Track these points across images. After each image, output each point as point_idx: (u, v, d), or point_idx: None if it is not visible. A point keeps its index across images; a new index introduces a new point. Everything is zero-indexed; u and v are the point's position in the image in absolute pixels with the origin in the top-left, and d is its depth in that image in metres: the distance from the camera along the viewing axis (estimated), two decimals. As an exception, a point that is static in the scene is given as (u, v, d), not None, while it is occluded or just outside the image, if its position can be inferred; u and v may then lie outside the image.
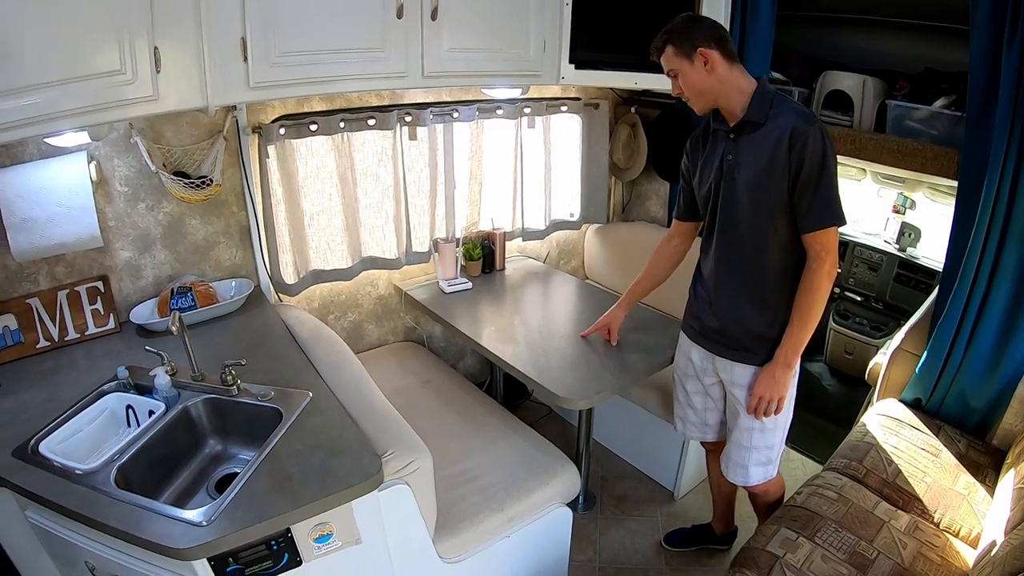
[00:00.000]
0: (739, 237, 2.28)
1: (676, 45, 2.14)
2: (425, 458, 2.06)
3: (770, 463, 2.50)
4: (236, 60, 2.15)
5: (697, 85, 2.17)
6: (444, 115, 3.30)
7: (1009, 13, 2.34)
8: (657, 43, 2.19)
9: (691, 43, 2.11)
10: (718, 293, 2.40)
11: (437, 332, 3.86)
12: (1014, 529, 1.99)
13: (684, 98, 2.25)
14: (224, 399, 2.20)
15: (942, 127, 2.85)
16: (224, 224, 2.88)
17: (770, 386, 2.31)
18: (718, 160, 2.28)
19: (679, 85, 2.21)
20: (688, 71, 2.15)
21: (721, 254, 2.36)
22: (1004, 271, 2.53)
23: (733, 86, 2.17)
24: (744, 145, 2.20)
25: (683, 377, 2.66)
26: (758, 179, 2.17)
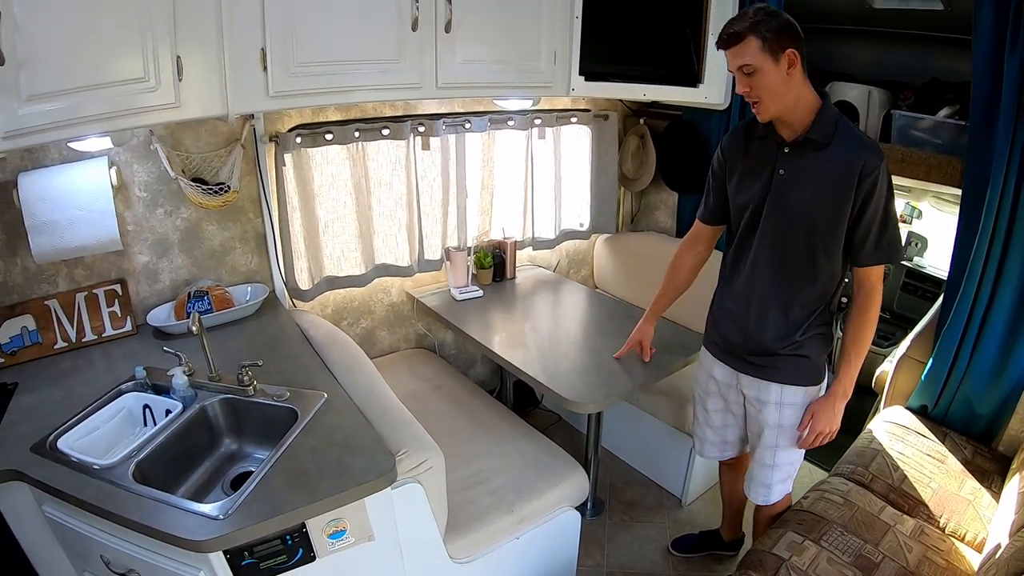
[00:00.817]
0: (782, 255, 2.19)
1: (763, 38, 1.94)
2: (437, 458, 2.10)
3: (790, 479, 2.47)
4: (256, 70, 2.21)
5: (775, 88, 2.00)
6: (456, 126, 3.35)
7: (1011, 21, 2.36)
8: (738, 29, 1.97)
9: (780, 40, 1.95)
10: (749, 309, 2.30)
11: (448, 339, 3.89)
12: (1019, 531, 2.01)
13: (750, 98, 2.06)
14: (241, 399, 2.24)
15: (947, 136, 2.87)
16: (240, 230, 2.93)
17: (830, 419, 2.24)
18: (767, 172, 2.16)
19: (751, 83, 2.02)
20: (770, 70, 1.97)
21: (759, 270, 2.25)
22: (1008, 278, 2.54)
23: (803, 98, 2.05)
24: (802, 164, 2.09)
25: (704, 395, 2.58)
26: (816, 203, 2.08)
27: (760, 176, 2.18)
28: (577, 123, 3.84)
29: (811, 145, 2.06)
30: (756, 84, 2.01)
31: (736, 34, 1.97)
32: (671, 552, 3.15)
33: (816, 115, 2.06)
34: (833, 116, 2.06)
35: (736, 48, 1.99)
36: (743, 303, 2.31)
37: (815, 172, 2.07)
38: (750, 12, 1.99)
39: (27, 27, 1.69)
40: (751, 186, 2.21)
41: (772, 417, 2.34)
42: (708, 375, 2.54)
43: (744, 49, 1.97)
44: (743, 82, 2.03)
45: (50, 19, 1.73)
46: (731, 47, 2.00)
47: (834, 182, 2.03)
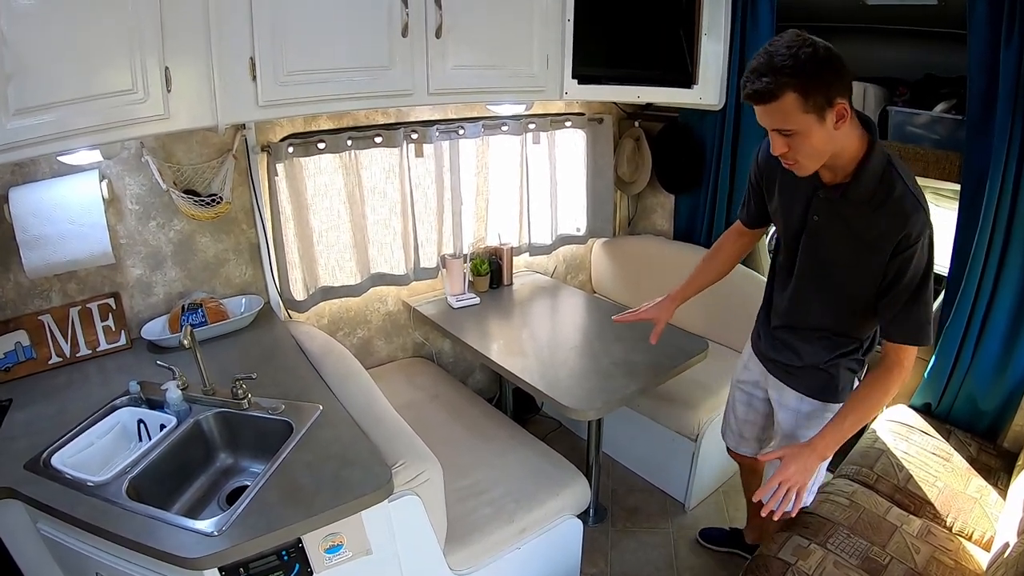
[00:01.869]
0: (817, 291, 2.09)
1: (806, 95, 1.61)
2: (435, 469, 2.07)
3: (809, 492, 2.38)
4: (245, 79, 2.18)
5: (820, 149, 1.72)
6: (450, 132, 3.33)
7: (1006, 14, 2.36)
8: (768, 84, 1.61)
9: (828, 90, 1.62)
10: (784, 322, 2.25)
11: (446, 348, 3.87)
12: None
13: (786, 160, 1.79)
14: (235, 412, 2.21)
15: (943, 131, 2.86)
16: (234, 241, 2.91)
17: (799, 472, 1.89)
18: (802, 209, 1.99)
19: (790, 144, 1.73)
20: (814, 132, 1.67)
21: (796, 292, 2.15)
22: (1009, 273, 2.54)
23: (849, 145, 1.77)
24: (836, 216, 1.90)
25: (736, 381, 2.59)
26: (846, 263, 1.94)
27: (795, 210, 2.02)
28: (571, 127, 3.84)
29: (849, 201, 1.85)
30: (797, 146, 1.73)
31: (769, 92, 1.63)
32: (699, 541, 3.17)
33: (857, 164, 1.80)
34: (878, 169, 1.79)
35: (769, 107, 1.67)
36: (781, 314, 2.25)
37: (848, 231, 1.89)
38: (782, 49, 1.61)
39: (14, 40, 1.67)
40: (788, 214, 2.05)
41: (787, 423, 2.33)
42: (744, 365, 2.54)
43: (780, 109, 1.65)
44: (779, 143, 1.75)
45: (38, 32, 1.71)
46: (762, 104, 1.67)
47: (868, 248, 1.85)
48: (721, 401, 3.20)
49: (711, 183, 3.70)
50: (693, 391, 3.23)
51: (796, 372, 2.26)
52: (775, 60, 1.60)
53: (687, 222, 3.99)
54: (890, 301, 1.87)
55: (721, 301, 3.47)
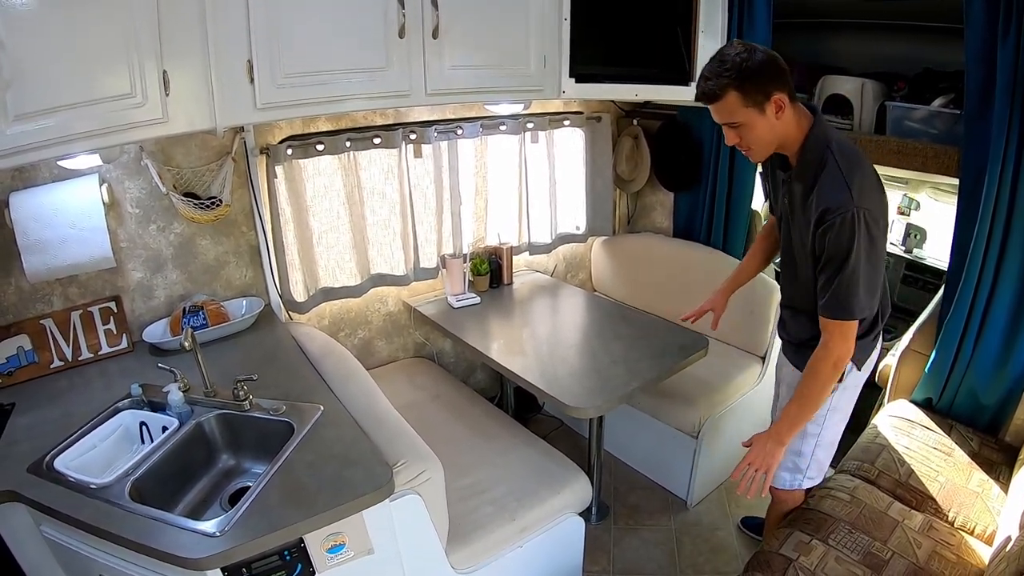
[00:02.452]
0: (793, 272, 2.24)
1: (744, 92, 1.85)
2: (436, 468, 2.08)
3: (797, 471, 2.46)
4: (243, 82, 2.19)
5: (764, 137, 1.95)
6: (448, 132, 3.34)
7: (1003, 9, 2.36)
8: (712, 86, 1.87)
9: (764, 87, 1.86)
10: (783, 309, 2.43)
11: (447, 348, 3.88)
12: (1029, 523, 2.00)
13: (740, 148, 2.02)
14: (236, 414, 2.22)
15: (942, 126, 2.86)
16: (234, 244, 2.92)
17: (760, 453, 2.11)
18: (780, 194, 2.21)
19: (740, 135, 1.96)
20: (757, 123, 1.91)
21: (785, 278, 2.34)
22: (1009, 266, 2.53)
23: (792, 131, 1.97)
24: (792, 196, 2.09)
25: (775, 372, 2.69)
26: (800, 239, 2.09)
27: (777, 196, 2.24)
28: (570, 126, 3.84)
29: (799, 180, 2.03)
30: (746, 135, 1.96)
31: (713, 93, 1.89)
32: (740, 528, 3.25)
33: (800, 148, 2.00)
34: (815, 150, 1.96)
35: (717, 106, 1.92)
36: (783, 295, 2.43)
37: (802, 209, 2.04)
38: (726, 57, 1.86)
39: (12, 46, 1.67)
40: (775, 201, 2.29)
41: (784, 397, 2.49)
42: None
43: (725, 107, 1.90)
44: (731, 135, 1.98)
45: (35, 38, 1.72)
46: (711, 104, 1.92)
47: (807, 224, 2.00)
48: (723, 398, 3.22)
49: (710, 180, 3.69)
50: (694, 388, 3.23)
51: (794, 349, 2.38)
52: (717, 67, 1.86)
53: (686, 220, 3.99)
54: (822, 276, 2.00)
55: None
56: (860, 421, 3.15)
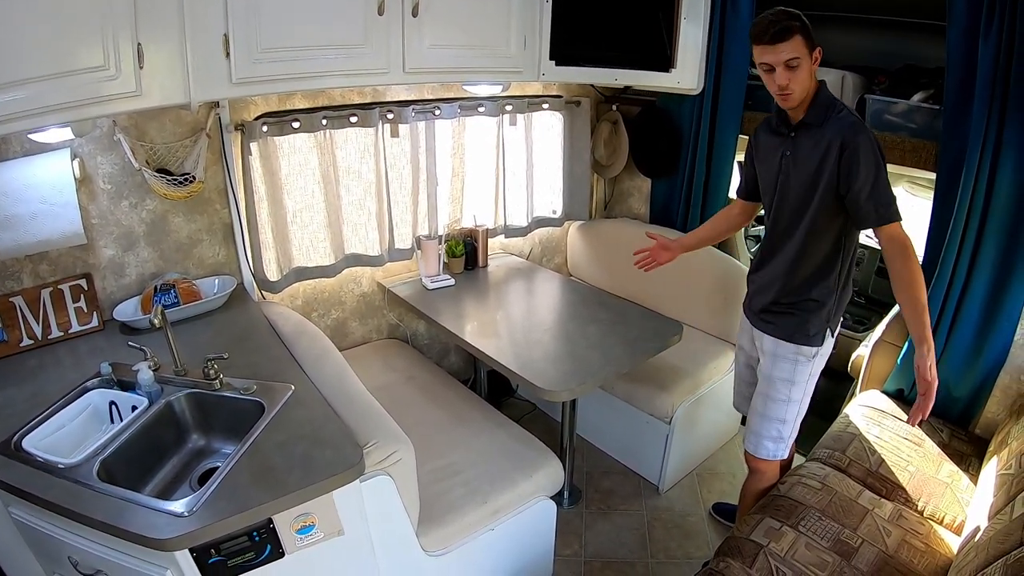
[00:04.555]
0: (789, 229, 2.35)
1: (805, 36, 2.09)
2: (407, 449, 2.07)
3: (781, 440, 2.55)
4: (218, 56, 2.15)
5: (805, 82, 2.15)
6: (426, 112, 3.31)
7: (985, 7, 2.37)
8: (787, 25, 2.08)
9: (813, 40, 2.12)
10: (766, 273, 2.49)
11: (421, 329, 3.86)
12: (997, 514, 2.02)
13: (784, 91, 2.16)
14: (207, 393, 2.20)
15: (920, 121, 2.87)
16: (207, 222, 2.88)
17: (923, 368, 2.20)
18: (778, 155, 2.34)
19: (791, 76, 2.13)
20: (805, 66, 2.12)
21: (774, 241, 2.44)
22: (983, 261, 2.55)
23: (814, 84, 2.21)
24: (800, 144, 2.26)
25: (738, 351, 2.81)
26: (809, 179, 2.24)
27: (771, 159, 2.38)
28: (549, 109, 3.82)
29: (807, 127, 2.23)
30: (795, 76, 2.12)
31: (787, 29, 2.07)
32: (712, 514, 3.28)
33: (812, 99, 2.22)
34: (826, 99, 2.21)
35: (785, 44, 2.08)
36: (765, 269, 2.49)
37: (809, 152, 2.22)
38: (783, 10, 2.09)
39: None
40: (768, 167, 2.41)
41: (766, 367, 2.52)
42: (741, 334, 2.75)
43: (792, 45, 2.08)
44: (785, 75, 2.13)
45: (5, 7, 1.67)
46: (780, 42, 2.08)
47: (822, 159, 2.18)
48: (696, 384, 3.23)
49: (688, 168, 3.69)
50: (667, 374, 3.25)
51: (772, 320, 2.48)
52: (782, 13, 2.08)
53: (663, 206, 3.99)
54: (856, 197, 2.15)
55: (695, 285, 3.49)
56: (832, 410, 3.19)
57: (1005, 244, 2.52)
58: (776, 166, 2.35)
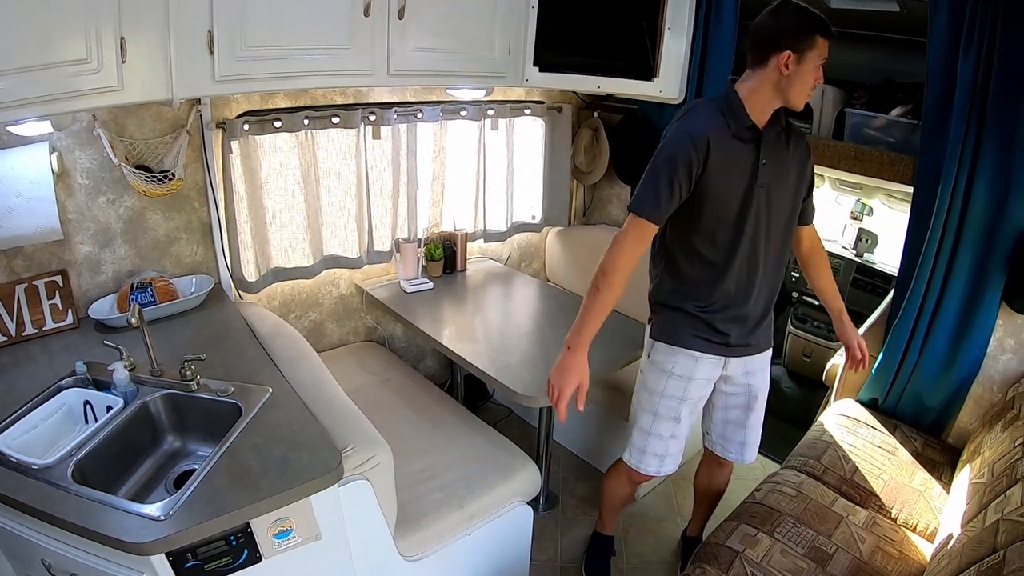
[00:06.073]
0: (774, 239, 2.25)
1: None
2: (385, 453, 2.06)
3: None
4: (202, 53, 2.13)
5: None
6: (408, 115, 3.30)
7: (965, 26, 2.41)
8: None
9: None
10: (751, 298, 2.28)
11: (398, 332, 3.85)
12: (970, 522, 2.03)
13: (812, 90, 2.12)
14: (183, 394, 2.18)
15: (899, 135, 2.91)
16: (185, 220, 2.86)
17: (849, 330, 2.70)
18: (748, 170, 2.12)
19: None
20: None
21: (754, 260, 2.23)
22: (958, 274, 2.59)
23: None
24: (774, 150, 2.16)
25: (681, 403, 2.42)
26: (795, 184, 2.23)
27: (736, 177, 2.13)
28: (531, 115, 3.83)
29: (776, 131, 2.16)
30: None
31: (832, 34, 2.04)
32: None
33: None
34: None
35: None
36: (743, 294, 2.27)
37: (786, 156, 2.19)
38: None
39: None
40: (729, 184, 2.13)
41: (759, 383, 2.49)
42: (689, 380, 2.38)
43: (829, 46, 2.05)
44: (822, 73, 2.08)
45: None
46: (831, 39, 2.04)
47: (801, 163, 2.22)
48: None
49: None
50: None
51: (760, 337, 2.42)
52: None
53: (645, 214, 4.00)
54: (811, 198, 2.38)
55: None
56: (807, 418, 3.21)
57: (979, 258, 2.56)
58: (748, 177, 2.13)
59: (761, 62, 2.07)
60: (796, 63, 2.01)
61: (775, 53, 2.02)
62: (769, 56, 2.04)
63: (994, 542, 1.80)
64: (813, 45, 2.00)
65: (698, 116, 2.14)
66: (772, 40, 2.03)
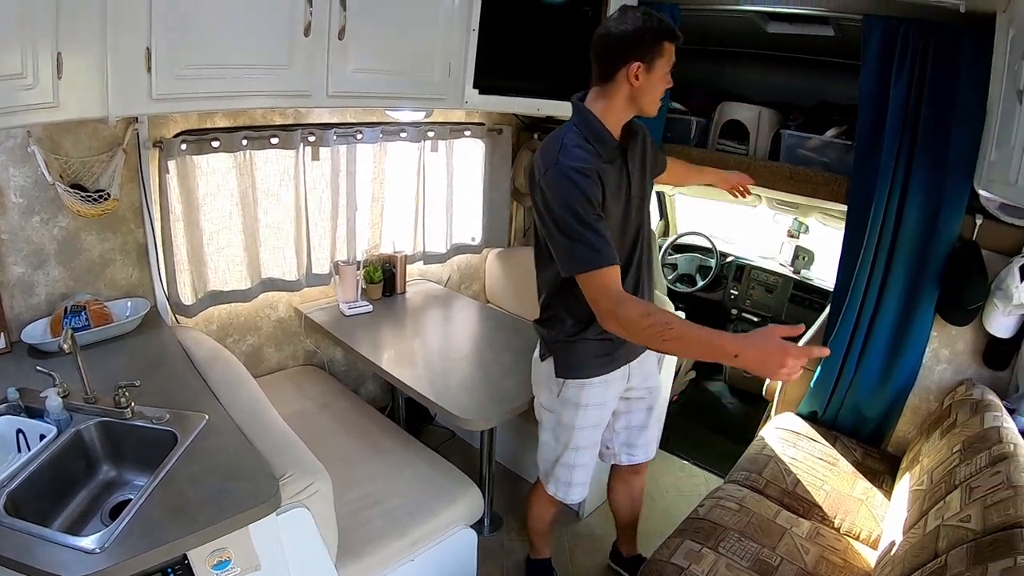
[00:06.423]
0: (645, 238, 2.28)
1: None
2: (324, 481, 2.02)
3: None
4: (139, 70, 2.07)
5: None
6: (348, 136, 3.28)
7: (898, 50, 2.50)
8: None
9: None
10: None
11: (338, 356, 3.80)
12: (911, 528, 2.08)
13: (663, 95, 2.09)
14: (118, 422, 2.11)
15: (833, 155, 2.98)
16: (121, 241, 2.78)
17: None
18: (624, 183, 2.15)
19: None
20: None
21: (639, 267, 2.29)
22: (892, 289, 2.68)
23: None
24: (632, 158, 2.18)
25: (596, 428, 2.48)
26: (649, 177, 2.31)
27: (620, 192, 2.14)
28: (471, 136, 3.84)
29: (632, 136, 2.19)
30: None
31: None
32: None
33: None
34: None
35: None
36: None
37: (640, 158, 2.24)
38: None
39: None
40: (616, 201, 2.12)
41: (658, 378, 2.64)
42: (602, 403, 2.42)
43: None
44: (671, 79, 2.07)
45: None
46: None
47: (643, 155, 2.26)
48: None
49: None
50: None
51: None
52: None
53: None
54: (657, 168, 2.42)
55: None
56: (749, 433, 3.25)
57: (912, 273, 2.64)
58: (625, 196, 2.16)
59: (609, 76, 2.03)
60: (646, 72, 1.98)
61: (623, 65, 1.98)
62: (617, 69, 2.00)
63: (935, 547, 1.85)
64: (661, 52, 1.98)
65: (573, 151, 2.01)
66: (619, 52, 1.98)
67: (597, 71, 2.07)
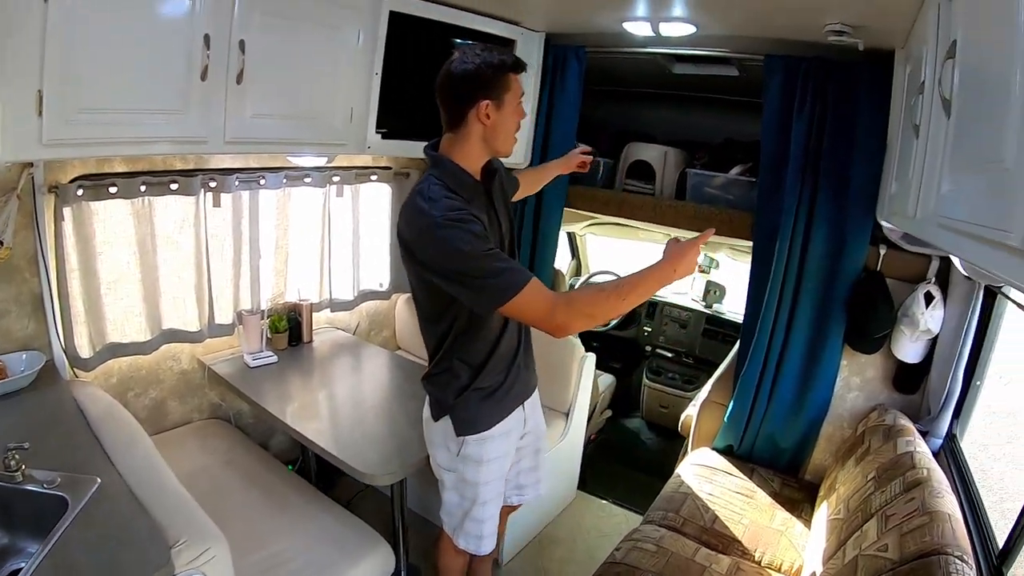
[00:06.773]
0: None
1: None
2: (220, 545, 1.92)
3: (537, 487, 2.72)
4: (30, 114, 1.96)
5: None
6: (250, 182, 3.21)
7: (799, 87, 2.57)
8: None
9: None
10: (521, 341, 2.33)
11: (245, 409, 3.65)
12: (830, 559, 2.10)
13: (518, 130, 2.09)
14: (7, 487, 1.97)
15: (738, 192, 3.04)
16: (15, 291, 2.64)
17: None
18: (496, 226, 2.15)
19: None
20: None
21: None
22: (800, 320, 2.73)
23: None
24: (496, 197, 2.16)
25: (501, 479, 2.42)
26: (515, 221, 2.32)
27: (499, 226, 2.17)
28: (377, 180, 3.80)
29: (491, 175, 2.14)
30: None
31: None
32: None
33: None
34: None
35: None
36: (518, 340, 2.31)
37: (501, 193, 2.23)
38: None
39: None
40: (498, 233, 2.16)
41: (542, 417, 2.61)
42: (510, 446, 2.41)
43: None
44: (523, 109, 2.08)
45: None
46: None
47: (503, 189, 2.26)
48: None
49: (515, 237, 3.74)
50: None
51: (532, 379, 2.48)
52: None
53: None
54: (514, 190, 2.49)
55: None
56: (666, 469, 3.25)
57: (820, 305, 2.71)
58: (497, 237, 2.14)
59: (460, 119, 1.99)
60: (496, 109, 1.96)
61: (471, 106, 1.95)
62: (467, 111, 1.96)
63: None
64: (508, 86, 1.96)
65: (443, 202, 1.91)
66: (465, 94, 1.95)
67: (446, 115, 2.03)
